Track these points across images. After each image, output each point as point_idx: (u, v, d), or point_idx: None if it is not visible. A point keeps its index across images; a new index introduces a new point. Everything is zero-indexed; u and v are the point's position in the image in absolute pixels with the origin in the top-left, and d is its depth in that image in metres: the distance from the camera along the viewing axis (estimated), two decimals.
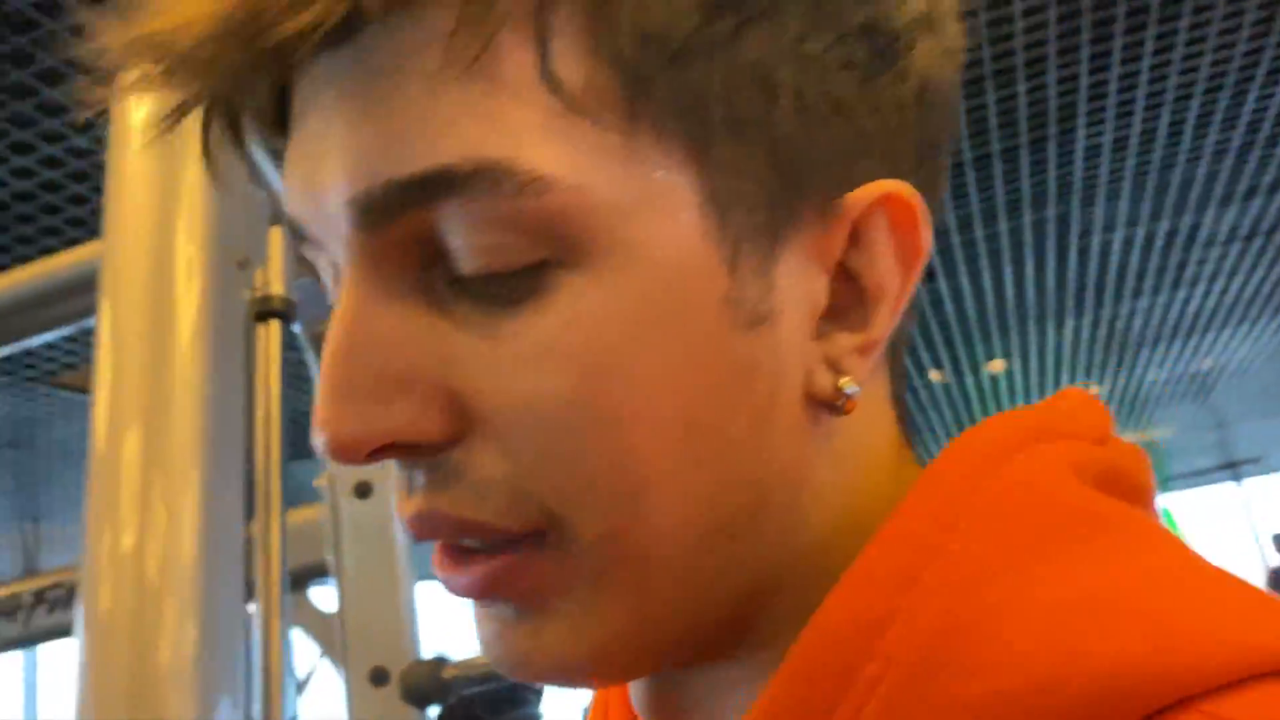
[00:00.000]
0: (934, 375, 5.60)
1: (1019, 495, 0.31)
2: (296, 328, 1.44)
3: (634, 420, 0.30)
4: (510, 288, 0.30)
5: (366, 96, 0.29)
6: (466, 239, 0.30)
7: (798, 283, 0.32)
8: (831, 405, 0.33)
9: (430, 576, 0.37)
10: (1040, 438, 0.33)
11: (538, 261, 0.30)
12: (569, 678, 0.33)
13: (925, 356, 5.32)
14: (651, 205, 0.30)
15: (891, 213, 0.33)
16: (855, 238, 0.33)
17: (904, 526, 0.31)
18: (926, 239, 0.33)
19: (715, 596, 0.33)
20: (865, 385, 0.33)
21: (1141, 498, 0.34)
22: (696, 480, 0.31)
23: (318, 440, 0.30)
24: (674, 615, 0.32)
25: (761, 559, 0.33)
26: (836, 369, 0.33)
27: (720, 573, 0.32)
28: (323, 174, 0.30)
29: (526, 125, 0.29)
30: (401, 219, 0.30)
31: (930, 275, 4.01)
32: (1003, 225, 3.87)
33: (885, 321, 0.33)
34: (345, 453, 0.30)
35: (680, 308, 0.30)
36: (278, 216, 1.28)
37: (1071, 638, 0.27)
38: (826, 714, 0.29)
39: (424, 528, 0.32)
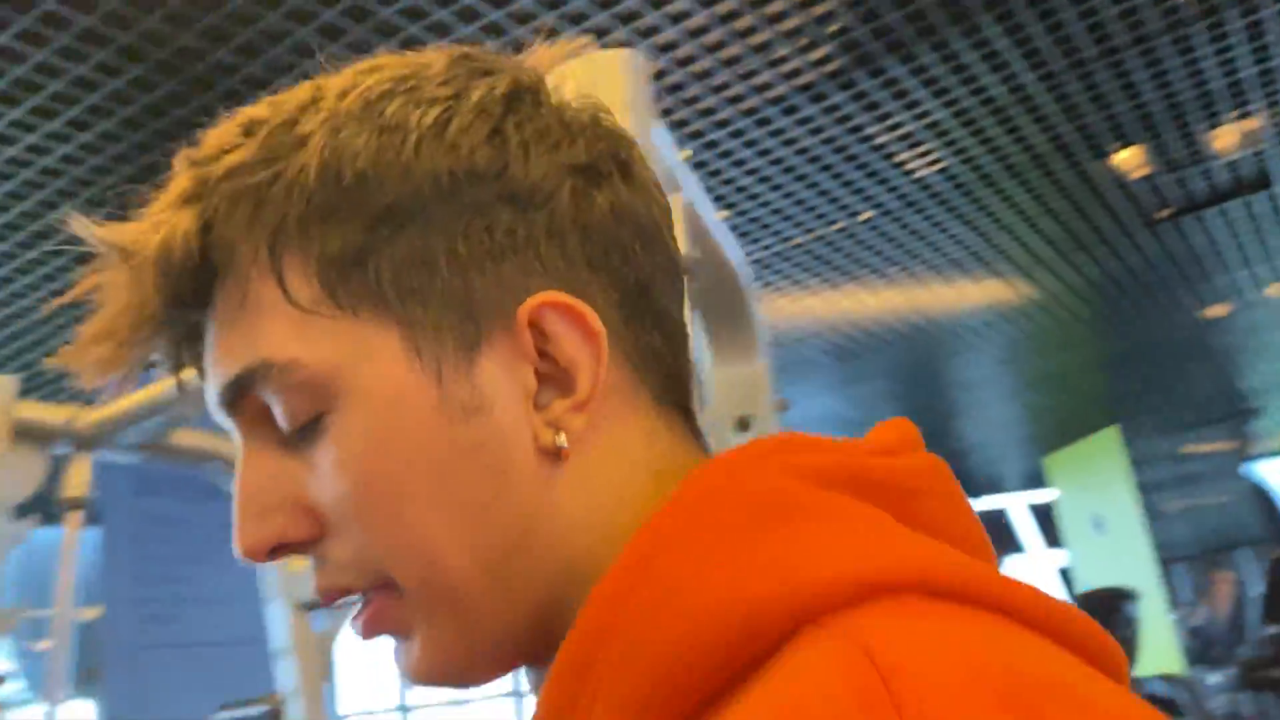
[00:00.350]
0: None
1: (727, 494, 0.41)
2: None
3: (403, 503, 0.44)
4: (310, 432, 0.46)
5: (212, 335, 0.48)
6: (276, 407, 0.46)
7: (503, 376, 0.45)
8: (556, 455, 0.45)
9: None
10: (781, 451, 0.44)
11: (316, 414, 0.45)
12: (442, 681, 0.47)
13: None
14: (369, 359, 0.44)
15: (559, 311, 0.45)
16: (541, 334, 0.45)
17: (640, 537, 0.41)
18: (595, 323, 0.45)
19: (515, 613, 0.45)
20: (605, 426, 0.46)
21: (883, 493, 0.43)
22: (467, 533, 0.44)
23: (235, 548, 0.47)
24: (489, 631, 0.45)
25: (542, 579, 0.45)
26: (556, 427, 0.45)
27: (512, 594, 0.45)
28: (206, 381, 0.49)
29: (280, 332, 0.45)
30: (241, 401, 0.47)
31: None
32: None
33: (587, 385, 0.45)
34: (250, 554, 0.47)
35: (404, 420, 0.44)
36: None
37: (725, 590, 0.37)
38: (574, 700, 0.39)
39: (324, 596, 0.47)
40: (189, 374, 0.51)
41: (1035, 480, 9.55)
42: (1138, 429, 8.02)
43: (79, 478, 1.91)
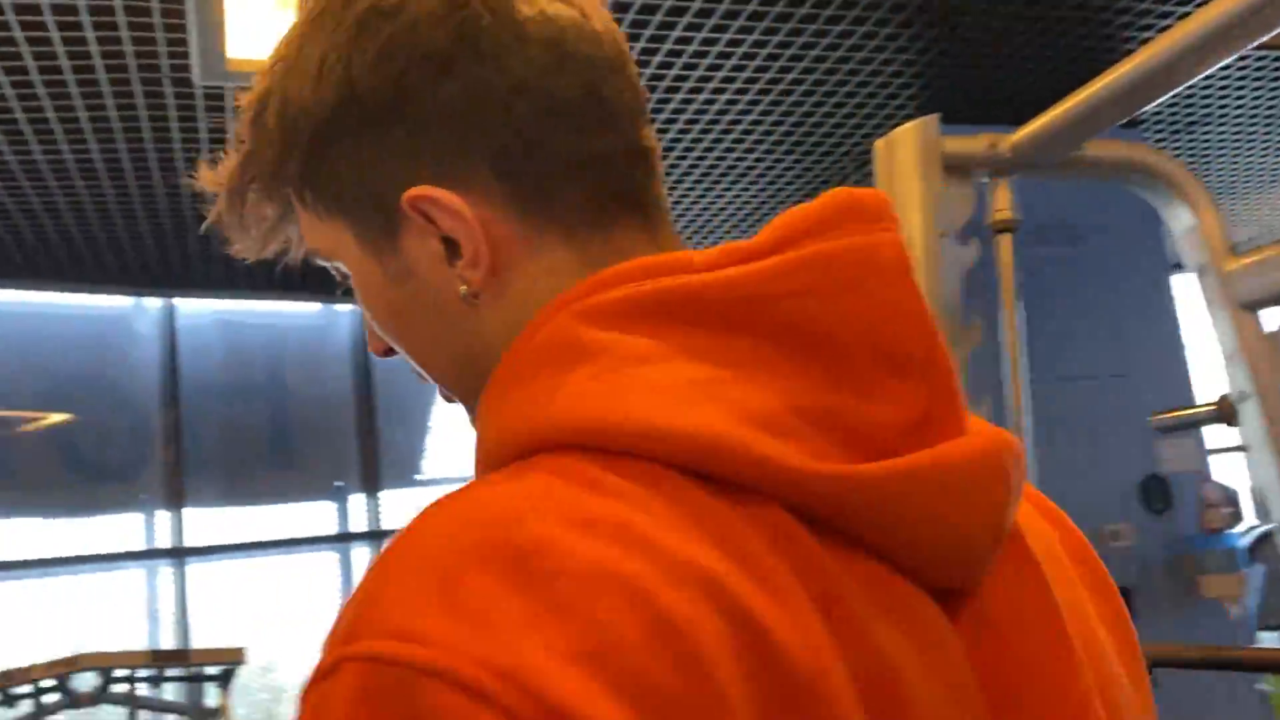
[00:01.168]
0: None
1: (525, 340, 0.53)
2: None
3: (398, 335, 0.62)
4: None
5: None
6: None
7: (419, 247, 0.57)
8: (474, 299, 0.57)
9: None
10: (597, 289, 0.51)
11: (346, 281, 0.64)
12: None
13: None
14: (343, 246, 0.60)
15: (425, 201, 0.55)
16: (424, 216, 0.56)
17: (494, 371, 0.55)
18: (452, 202, 0.55)
19: (475, 387, 0.57)
20: (507, 272, 0.56)
21: (694, 313, 0.47)
22: (436, 353, 0.61)
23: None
24: (464, 394, 0.62)
25: (485, 373, 0.56)
26: (463, 280, 0.56)
27: (471, 379, 0.59)
28: None
29: (305, 227, 0.63)
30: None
31: None
32: None
33: (469, 248, 0.55)
34: (379, 355, 0.66)
35: (371, 285, 0.60)
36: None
37: (509, 418, 0.50)
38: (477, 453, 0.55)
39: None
40: None
41: None
42: None
43: (1003, 201, 1.97)
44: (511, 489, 0.43)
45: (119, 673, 4.02)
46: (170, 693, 4.31)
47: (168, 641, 5.26)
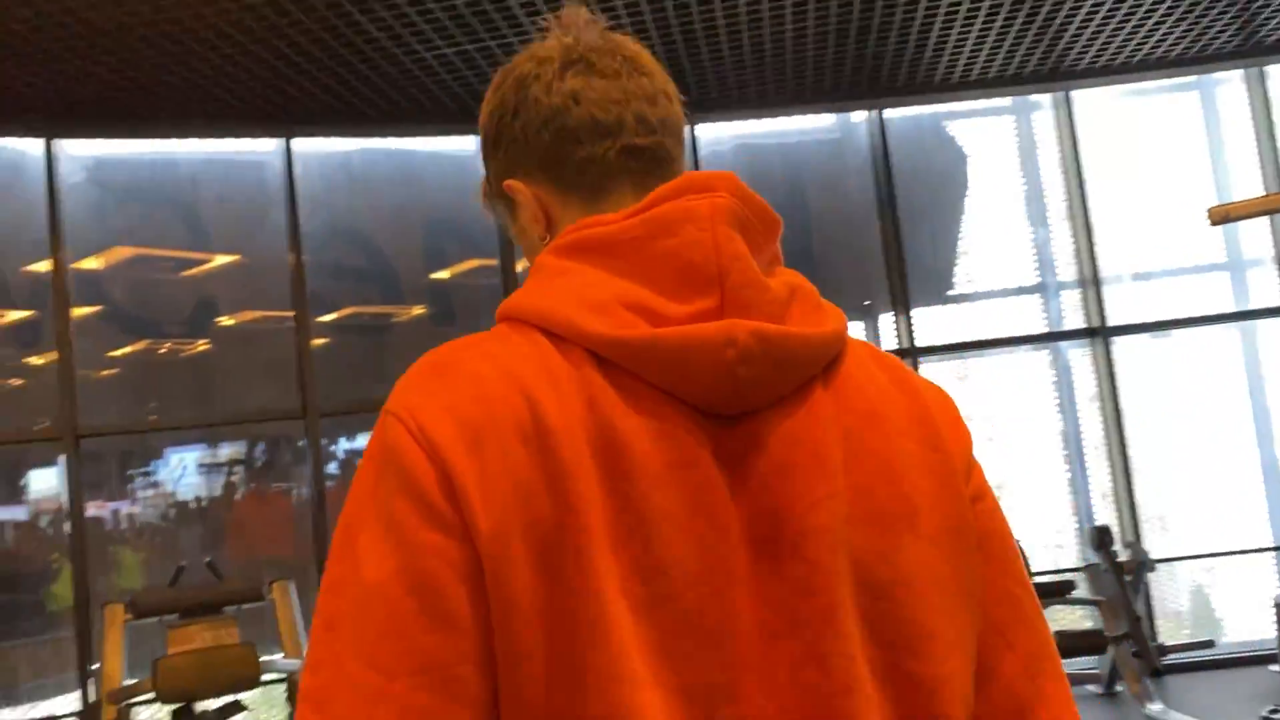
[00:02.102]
0: None
1: (535, 263, 0.90)
2: None
3: (525, 254, 1.03)
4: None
5: None
6: None
7: (522, 214, 0.95)
8: (542, 240, 0.94)
9: None
10: (569, 232, 0.87)
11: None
12: None
13: None
14: (498, 213, 1.02)
15: (509, 189, 0.95)
16: (513, 196, 0.95)
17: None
18: (520, 193, 0.94)
19: None
20: (555, 225, 0.93)
21: (588, 252, 0.84)
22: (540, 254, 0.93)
23: None
24: None
25: None
26: (537, 230, 0.94)
27: None
28: None
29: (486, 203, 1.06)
30: None
31: None
32: None
33: (530, 213, 0.94)
34: None
35: (514, 231, 1.01)
36: None
37: (511, 303, 0.85)
38: None
39: None
40: None
41: None
42: None
43: None
44: (470, 339, 0.84)
45: None
46: None
47: None
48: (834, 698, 0.77)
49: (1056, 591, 5.07)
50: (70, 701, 5.01)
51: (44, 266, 5.15)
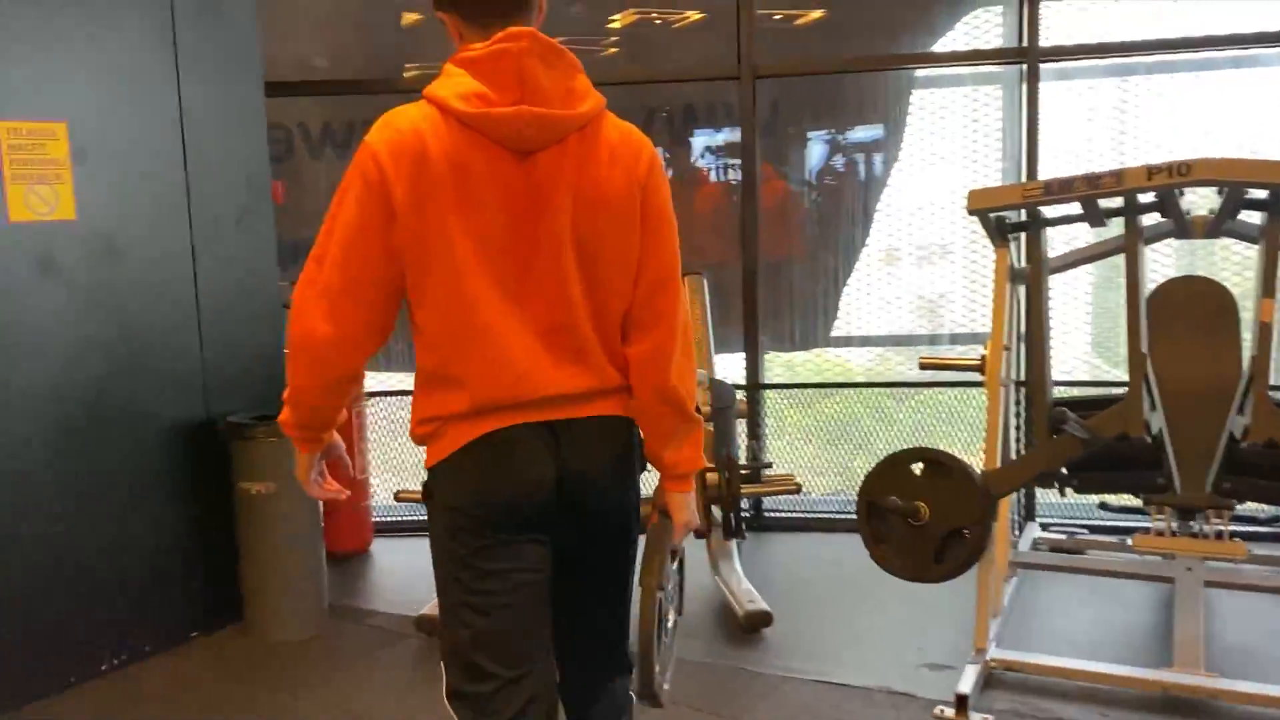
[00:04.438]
0: None
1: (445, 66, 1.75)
2: None
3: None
4: None
5: None
6: None
7: (450, 32, 1.83)
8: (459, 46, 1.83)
9: None
10: (461, 50, 1.74)
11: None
12: None
13: None
14: (446, 24, 1.93)
15: (439, 16, 1.82)
16: (443, 20, 1.82)
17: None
18: (442, 16, 1.80)
19: None
20: (463, 41, 1.78)
21: (466, 65, 1.70)
22: None
23: None
24: None
25: None
26: (455, 40, 1.83)
27: None
28: None
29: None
30: None
31: None
32: None
33: (450, 31, 1.81)
34: None
35: (450, 37, 1.89)
36: None
37: (426, 90, 1.72)
38: None
39: None
40: None
41: None
42: None
43: None
44: (405, 106, 1.70)
45: (1252, 193, 3.09)
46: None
47: None
48: (564, 285, 1.72)
49: None
50: None
51: None
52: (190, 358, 3.97)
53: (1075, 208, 3.39)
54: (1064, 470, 3.56)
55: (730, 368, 5.06)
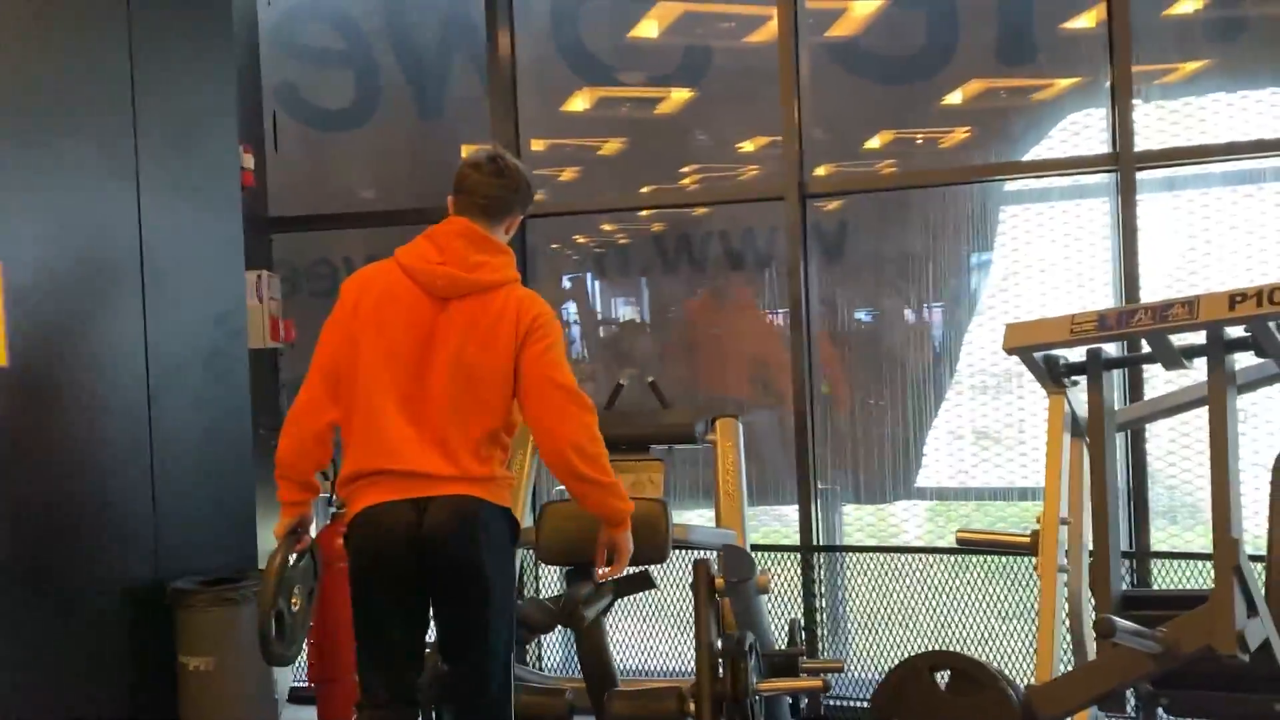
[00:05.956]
0: None
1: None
2: None
3: None
4: None
5: None
6: None
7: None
8: None
9: None
10: (431, 229, 2.68)
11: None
12: None
13: None
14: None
15: (450, 200, 2.77)
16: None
17: None
18: (449, 201, 2.72)
19: None
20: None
21: (426, 237, 2.65)
22: None
23: None
24: None
25: None
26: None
27: None
28: None
29: None
30: None
31: None
32: None
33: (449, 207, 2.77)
34: None
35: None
36: None
37: (396, 252, 2.69)
38: None
39: None
40: None
41: None
42: None
43: None
44: (379, 262, 2.70)
45: None
46: None
47: None
48: (445, 396, 2.53)
49: None
50: None
51: None
52: (140, 516, 3.61)
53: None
54: (1149, 685, 2.74)
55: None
